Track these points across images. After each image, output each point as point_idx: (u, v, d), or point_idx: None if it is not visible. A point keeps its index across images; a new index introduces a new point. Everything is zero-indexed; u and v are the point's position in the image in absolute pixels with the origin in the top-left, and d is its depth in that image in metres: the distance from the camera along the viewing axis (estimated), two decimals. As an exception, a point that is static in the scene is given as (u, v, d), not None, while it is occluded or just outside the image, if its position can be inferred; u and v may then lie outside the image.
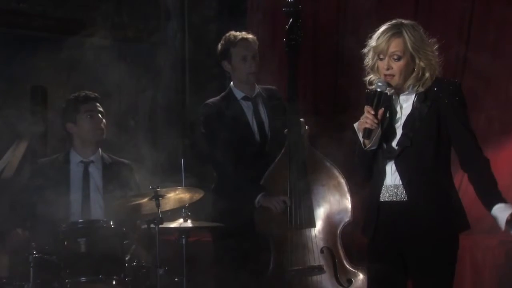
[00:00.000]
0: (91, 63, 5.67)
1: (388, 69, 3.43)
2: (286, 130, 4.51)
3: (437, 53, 3.45)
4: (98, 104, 4.64)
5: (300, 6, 4.56)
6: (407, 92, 3.47)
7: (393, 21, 3.46)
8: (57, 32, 5.94)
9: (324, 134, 4.92)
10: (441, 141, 3.43)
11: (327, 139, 4.84)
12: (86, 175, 4.60)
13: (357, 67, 5.38)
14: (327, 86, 5.83)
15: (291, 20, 4.54)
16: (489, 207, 3.36)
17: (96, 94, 4.68)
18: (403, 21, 3.46)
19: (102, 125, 4.63)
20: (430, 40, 3.45)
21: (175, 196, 4.31)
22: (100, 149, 4.68)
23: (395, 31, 3.42)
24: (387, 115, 3.48)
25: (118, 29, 5.39)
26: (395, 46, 3.41)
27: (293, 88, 4.54)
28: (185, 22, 6.44)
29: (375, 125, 3.40)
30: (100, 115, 4.63)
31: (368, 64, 3.50)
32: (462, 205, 3.48)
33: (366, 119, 3.40)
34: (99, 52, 5.68)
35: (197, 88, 6.34)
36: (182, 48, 6.44)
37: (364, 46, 3.53)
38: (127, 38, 5.69)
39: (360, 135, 3.45)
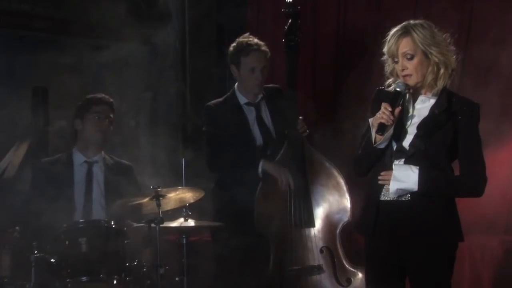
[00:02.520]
0: (92, 63, 5.69)
1: (403, 69, 3.45)
2: (285, 130, 4.53)
3: (453, 48, 3.47)
4: (109, 109, 4.69)
5: (299, 7, 4.58)
6: (429, 95, 3.48)
7: (403, 24, 3.49)
8: (58, 32, 5.95)
9: (324, 133, 4.94)
10: (452, 152, 3.46)
11: (326, 138, 4.86)
12: (89, 175, 4.62)
13: (357, 67, 5.43)
14: (327, 86, 5.84)
15: (290, 21, 4.56)
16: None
17: (112, 100, 4.73)
18: (411, 21, 3.49)
19: (104, 129, 4.66)
20: (444, 35, 3.47)
21: (176, 196, 4.33)
22: (103, 151, 4.71)
23: (403, 31, 3.45)
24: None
25: (118, 29, 5.40)
26: (404, 45, 3.44)
27: (292, 88, 4.55)
28: (185, 22, 6.45)
29: (391, 121, 3.42)
30: (107, 120, 4.67)
31: (387, 71, 3.54)
32: (459, 218, 3.51)
33: (383, 115, 3.41)
34: (100, 53, 5.70)
35: (197, 88, 6.35)
36: (183, 48, 6.45)
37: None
38: (127, 38, 5.69)
39: (373, 130, 3.47)
